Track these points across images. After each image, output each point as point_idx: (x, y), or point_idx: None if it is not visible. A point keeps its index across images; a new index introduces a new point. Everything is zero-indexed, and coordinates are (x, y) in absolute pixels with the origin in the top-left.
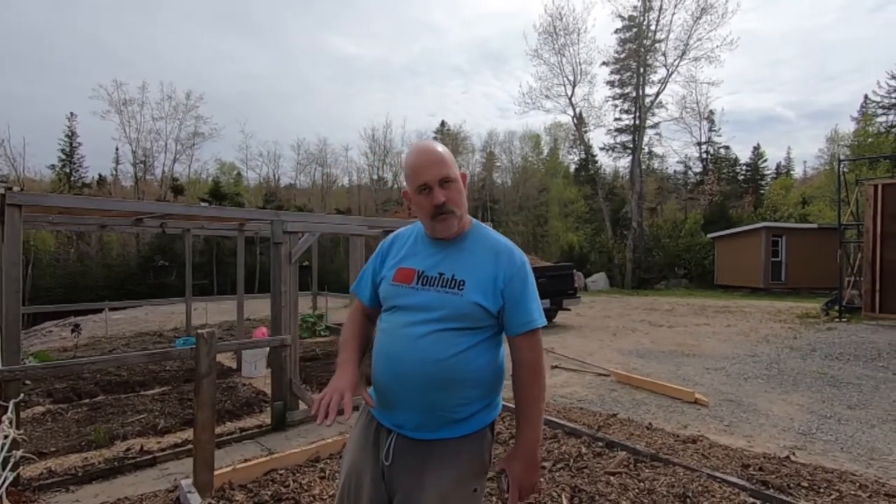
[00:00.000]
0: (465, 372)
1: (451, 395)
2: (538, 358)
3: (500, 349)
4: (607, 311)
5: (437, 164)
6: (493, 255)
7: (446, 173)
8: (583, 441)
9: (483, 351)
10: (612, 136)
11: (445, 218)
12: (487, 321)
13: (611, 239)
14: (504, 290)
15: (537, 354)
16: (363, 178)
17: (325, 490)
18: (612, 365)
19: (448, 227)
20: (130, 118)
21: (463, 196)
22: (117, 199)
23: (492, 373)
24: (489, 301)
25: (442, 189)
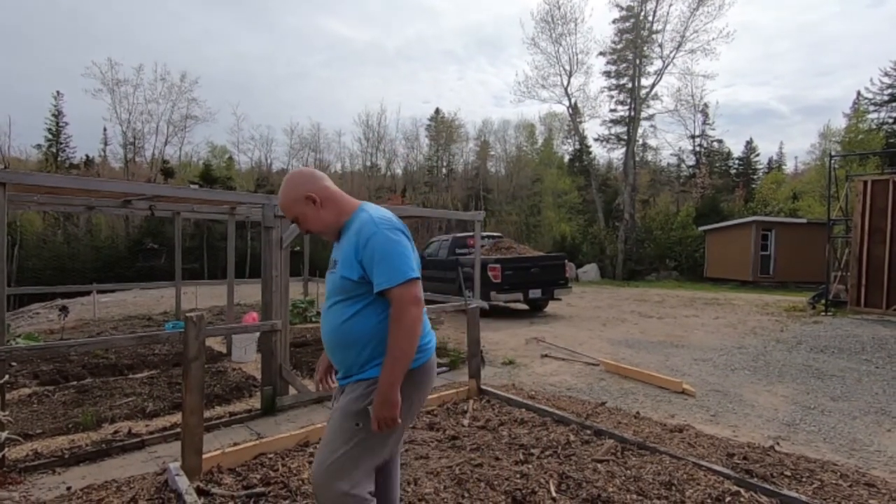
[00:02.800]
0: (352, 335)
1: (347, 352)
2: (397, 312)
3: (387, 312)
4: (598, 302)
5: (283, 210)
6: (355, 234)
7: (291, 217)
8: (571, 429)
9: (367, 316)
10: (607, 126)
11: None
12: (361, 290)
13: (603, 230)
14: (362, 260)
15: (397, 309)
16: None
17: None
18: (601, 355)
19: (324, 236)
20: (123, 98)
21: (316, 215)
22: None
23: (378, 332)
24: (352, 272)
25: (297, 223)
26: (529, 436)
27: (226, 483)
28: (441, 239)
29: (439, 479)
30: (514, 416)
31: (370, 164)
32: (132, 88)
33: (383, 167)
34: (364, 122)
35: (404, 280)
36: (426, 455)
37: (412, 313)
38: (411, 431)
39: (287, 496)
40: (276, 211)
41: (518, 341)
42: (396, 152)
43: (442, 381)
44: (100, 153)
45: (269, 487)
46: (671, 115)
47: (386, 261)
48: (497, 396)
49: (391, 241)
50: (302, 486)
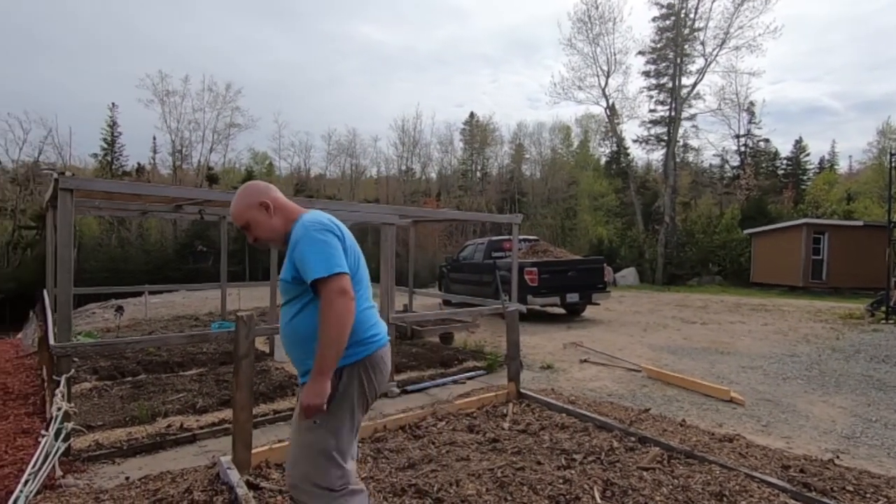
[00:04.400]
0: (298, 333)
1: (298, 351)
2: (324, 303)
3: None
4: (637, 307)
5: (235, 217)
6: (293, 237)
7: (241, 223)
8: (614, 435)
9: (309, 314)
10: (646, 127)
11: (264, 244)
12: (299, 290)
13: (642, 233)
14: (294, 261)
15: (324, 301)
16: (391, 169)
17: (358, 471)
18: (642, 360)
19: (271, 244)
20: (172, 108)
21: (267, 222)
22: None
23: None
24: (287, 273)
25: (246, 231)
26: (571, 441)
27: (273, 478)
28: (476, 242)
29: (481, 482)
30: (555, 421)
31: (405, 168)
32: (180, 98)
33: (418, 171)
34: (400, 128)
35: (328, 273)
36: (467, 457)
37: (338, 304)
38: (451, 433)
39: None
40: None
41: (556, 346)
42: (431, 157)
43: (479, 385)
44: (150, 161)
45: None
46: (714, 114)
47: (312, 257)
48: (537, 400)
49: (317, 239)
50: None
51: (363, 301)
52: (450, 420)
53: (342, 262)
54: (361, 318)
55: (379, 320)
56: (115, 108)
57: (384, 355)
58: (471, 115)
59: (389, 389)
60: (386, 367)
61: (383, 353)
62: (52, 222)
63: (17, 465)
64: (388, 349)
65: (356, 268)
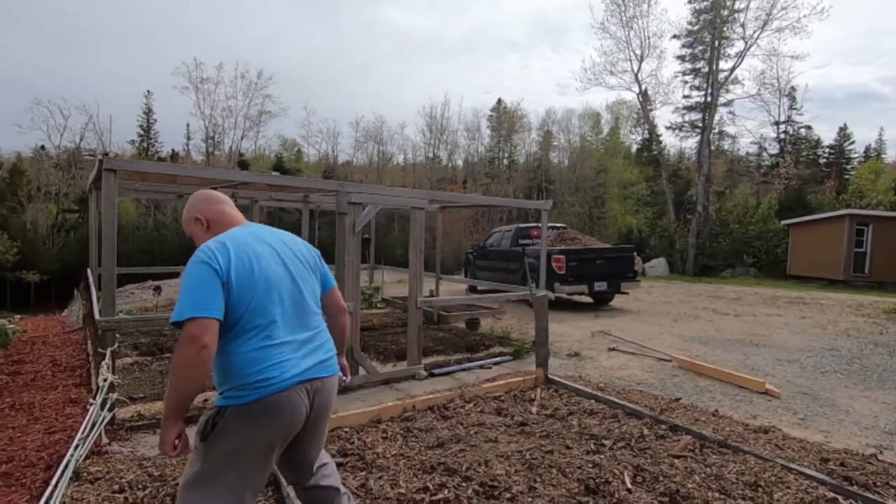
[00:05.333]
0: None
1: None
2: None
3: (234, 344)
4: (667, 297)
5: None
6: None
7: (189, 234)
8: (644, 423)
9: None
10: (680, 114)
11: None
12: None
13: (673, 223)
14: None
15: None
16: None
17: (388, 449)
18: (672, 350)
19: None
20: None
21: (199, 239)
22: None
23: (217, 364)
24: None
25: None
26: (600, 427)
27: None
28: (503, 229)
29: (510, 463)
30: (584, 407)
31: (432, 155)
32: (214, 86)
33: (444, 159)
34: (428, 114)
35: (180, 318)
36: (495, 439)
37: (182, 352)
38: (479, 415)
39: (363, 467)
40: (349, 198)
41: (583, 334)
42: (458, 144)
43: (506, 370)
44: (184, 147)
45: (346, 458)
46: (752, 100)
47: (180, 296)
48: (565, 386)
49: (188, 275)
50: (377, 459)
51: (254, 339)
52: (478, 402)
53: (200, 305)
54: (245, 360)
55: (286, 360)
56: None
57: (278, 401)
58: (498, 101)
59: (416, 372)
60: (281, 415)
61: (277, 399)
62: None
63: (67, 432)
64: (291, 394)
65: (249, 299)
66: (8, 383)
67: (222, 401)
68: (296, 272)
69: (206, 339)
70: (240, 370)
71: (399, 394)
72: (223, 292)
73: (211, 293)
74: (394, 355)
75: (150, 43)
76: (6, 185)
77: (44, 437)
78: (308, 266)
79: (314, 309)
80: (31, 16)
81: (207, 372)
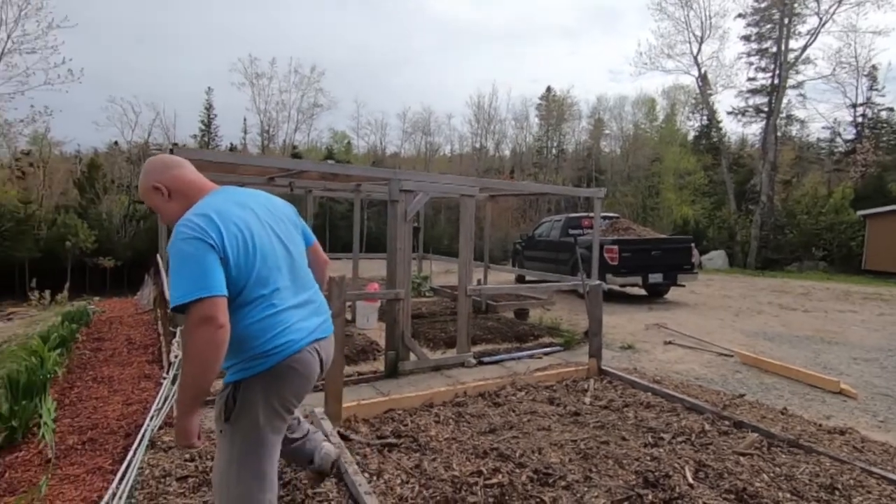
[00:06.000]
0: None
1: None
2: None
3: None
4: (727, 291)
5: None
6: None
7: (150, 207)
8: (706, 418)
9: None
10: (744, 98)
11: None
12: None
13: (734, 214)
14: None
15: (185, 334)
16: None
17: (440, 433)
18: (734, 346)
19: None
20: (261, 90)
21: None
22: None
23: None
24: None
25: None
26: (658, 420)
27: (362, 431)
28: (553, 219)
29: (563, 452)
30: (640, 399)
31: (479, 145)
32: (268, 81)
33: (491, 149)
34: (475, 104)
35: (188, 300)
36: (548, 427)
37: (199, 335)
38: (531, 403)
39: (417, 449)
40: (401, 185)
41: (636, 326)
42: (505, 133)
43: (556, 360)
44: (241, 141)
45: (400, 440)
46: (826, 81)
47: (173, 278)
48: (619, 378)
49: (179, 253)
50: (430, 441)
51: (259, 308)
52: (529, 391)
53: (206, 284)
54: (255, 330)
55: (295, 324)
56: (211, 92)
57: (294, 363)
58: (547, 89)
59: (466, 360)
60: (300, 375)
61: (293, 360)
62: None
63: (142, 404)
64: (304, 355)
65: (248, 271)
66: (90, 358)
67: (235, 375)
68: (283, 235)
69: (222, 318)
70: (251, 341)
71: (449, 380)
72: (222, 267)
73: (212, 269)
74: (443, 343)
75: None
76: (85, 179)
77: (122, 408)
78: (291, 224)
79: (304, 271)
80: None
81: (224, 353)
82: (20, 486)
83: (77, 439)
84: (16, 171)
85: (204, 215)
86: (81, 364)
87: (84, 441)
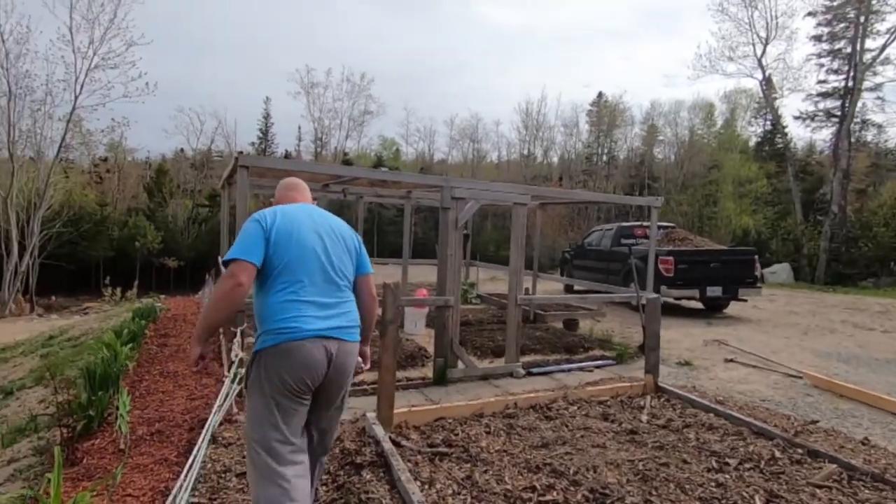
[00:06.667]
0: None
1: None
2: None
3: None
4: (793, 307)
5: None
6: None
7: None
8: (776, 444)
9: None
10: (813, 101)
11: None
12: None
13: (800, 225)
14: None
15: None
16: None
17: (491, 444)
18: (803, 367)
19: None
20: (315, 99)
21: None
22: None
23: (255, 309)
24: None
25: None
26: (722, 444)
27: (413, 438)
28: (604, 228)
29: (620, 472)
30: (701, 420)
31: (527, 152)
32: (323, 89)
33: (539, 156)
34: (524, 111)
35: (226, 259)
36: (602, 444)
37: (221, 284)
38: (584, 418)
39: (468, 460)
40: (453, 193)
41: (694, 342)
42: (554, 140)
43: (608, 374)
44: (295, 148)
45: (451, 449)
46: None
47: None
48: (678, 396)
49: (242, 229)
50: (481, 452)
51: (283, 292)
52: (582, 405)
53: (245, 250)
54: (275, 308)
55: (308, 316)
56: (269, 102)
57: (295, 348)
58: (599, 94)
59: (514, 370)
60: (298, 361)
61: (294, 345)
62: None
63: (204, 399)
64: (307, 344)
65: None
66: (157, 353)
67: (256, 347)
68: (330, 246)
69: (243, 277)
70: (269, 317)
71: (497, 390)
72: (264, 245)
73: (254, 243)
74: (490, 351)
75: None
76: (153, 183)
77: (186, 403)
78: (345, 246)
79: (342, 283)
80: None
81: (237, 306)
82: (96, 473)
83: (146, 430)
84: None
85: (273, 209)
86: (149, 358)
87: (152, 432)
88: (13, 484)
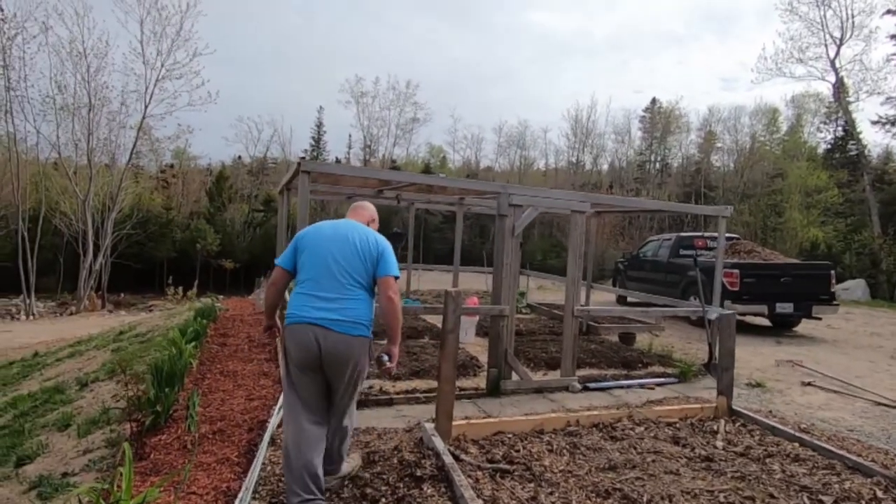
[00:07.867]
0: None
1: None
2: None
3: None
4: (874, 328)
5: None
6: None
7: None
8: (876, 482)
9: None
10: (893, 105)
11: None
12: None
13: (878, 238)
14: None
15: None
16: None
17: (555, 463)
18: (893, 394)
19: None
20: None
21: None
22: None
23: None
24: None
25: None
26: (811, 478)
27: (471, 452)
28: (662, 238)
29: (699, 503)
30: (784, 450)
31: (576, 160)
32: (371, 98)
33: (588, 163)
34: (573, 117)
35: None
36: (676, 471)
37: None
38: (653, 441)
39: (531, 479)
40: (510, 200)
41: (764, 362)
42: (604, 147)
43: (672, 393)
44: (346, 155)
45: (512, 466)
46: None
47: None
48: (755, 421)
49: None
50: (544, 472)
51: (299, 287)
52: (649, 426)
53: (282, 259)
54: (293, 300)
55: (304, 306)
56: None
57: (293, 330)
58: (652, 100)
59: (570, 384)
60: (295, 342)
61: (293, 328)
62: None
63: (262, 400)
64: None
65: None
66: (217, 353)
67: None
68: (339, 251)
69: (275, 278)
70: (289, 305)
71: (553, 405)
72: (294, 254)
73: (289, 253)
74: (543, 363)
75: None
76: (214, 188)
77: (245, 403)
78: (357, 251)
79: (346, 282)
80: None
81: (274, 297)
82: (163, 468)
83: (209, 429)
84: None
85: (312, 225)
86: (210, 357)
87: (214, 431)
88: (88, 474)
